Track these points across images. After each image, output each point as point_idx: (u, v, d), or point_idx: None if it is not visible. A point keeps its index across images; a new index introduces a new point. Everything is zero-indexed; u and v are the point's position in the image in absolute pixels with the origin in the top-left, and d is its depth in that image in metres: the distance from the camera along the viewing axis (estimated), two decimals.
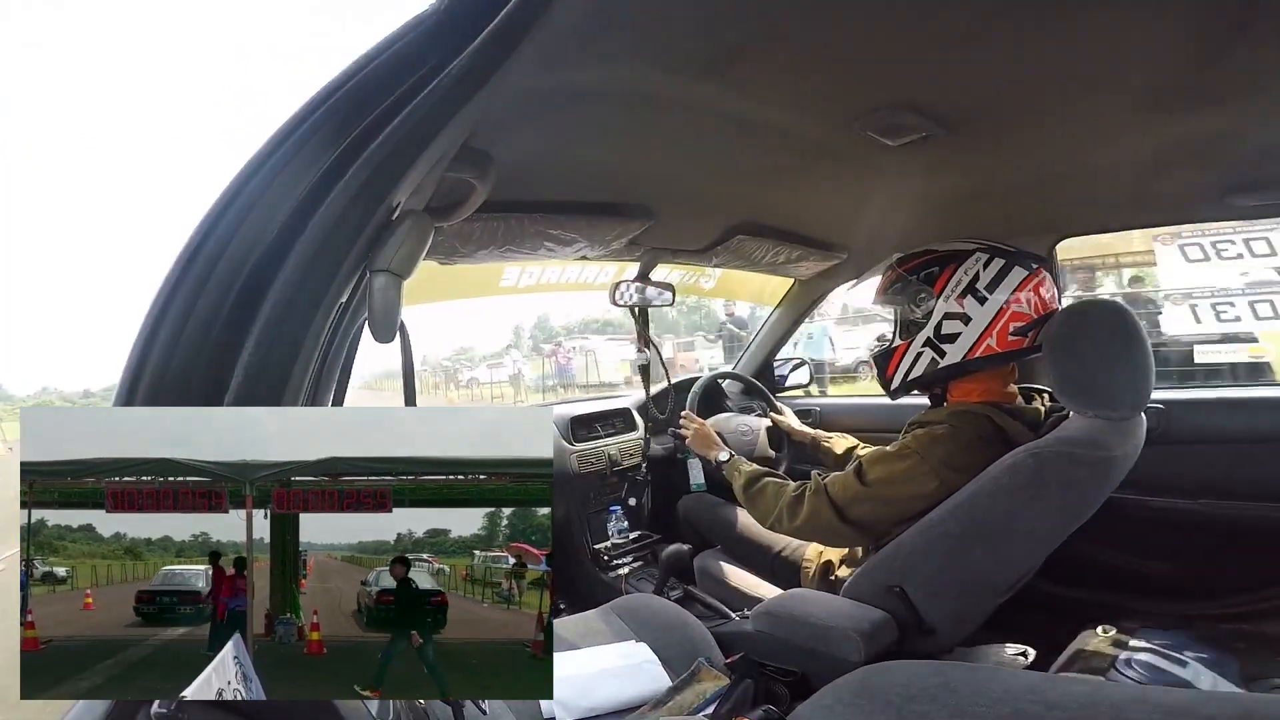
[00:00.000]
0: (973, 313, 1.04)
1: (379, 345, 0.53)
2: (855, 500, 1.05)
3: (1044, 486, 0.90)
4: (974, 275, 1.05)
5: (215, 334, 0.43)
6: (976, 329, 1.04)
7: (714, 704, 0.90)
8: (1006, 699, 0.37)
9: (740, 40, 0.67)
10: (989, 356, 1.04)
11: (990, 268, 1.04)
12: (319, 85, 0.49)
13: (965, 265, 1.06)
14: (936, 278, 1.08)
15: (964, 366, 1.06)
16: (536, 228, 1.15)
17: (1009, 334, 1.03)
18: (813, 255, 1.66)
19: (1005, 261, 1.04)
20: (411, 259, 0.51)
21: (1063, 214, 1.43)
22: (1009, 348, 1.04)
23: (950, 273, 1.07)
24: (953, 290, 1.06)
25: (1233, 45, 0.70)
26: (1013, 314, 1.03)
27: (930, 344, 1.08)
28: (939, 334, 1.07)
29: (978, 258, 1.06)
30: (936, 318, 1.07)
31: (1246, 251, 3.87)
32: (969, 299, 1.05)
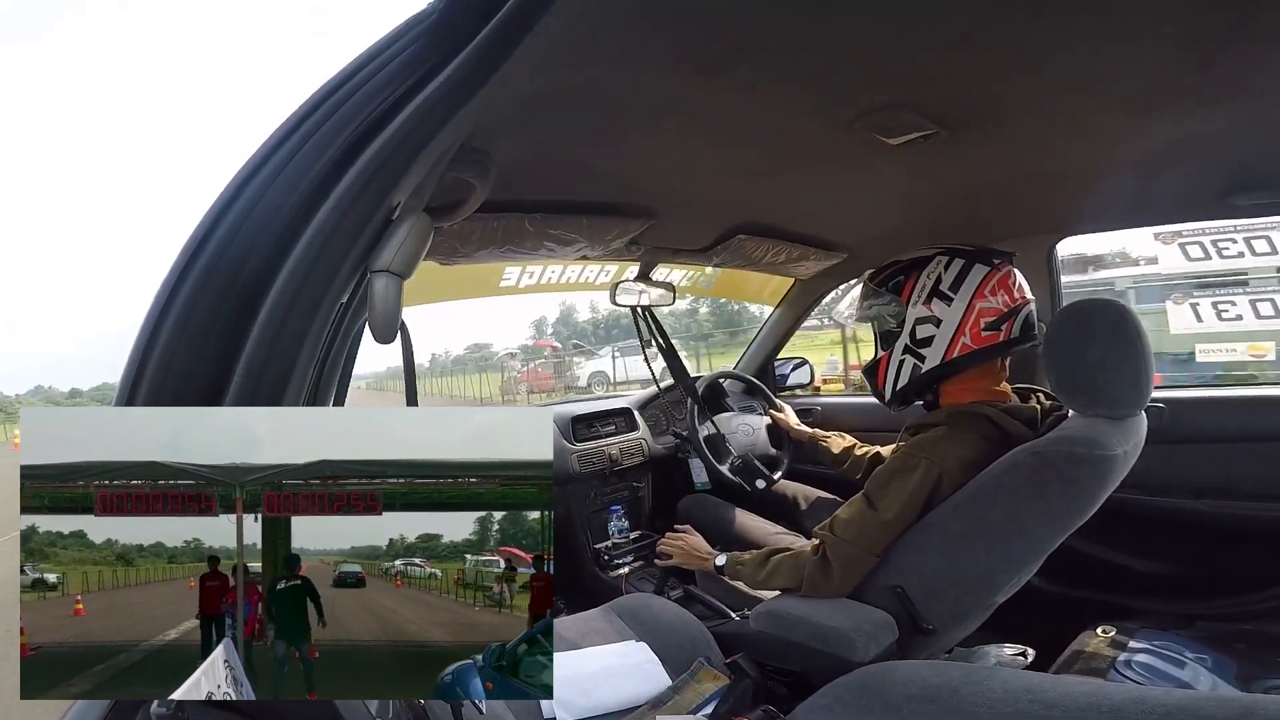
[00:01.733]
0: (941, 314, 1.07)
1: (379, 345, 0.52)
2: (881, 534, 1.00)
3: (1044, 486, 0.90)
4: (936, 278, 1.08)
5: (215, 334, 0.43)
6: (949, 329, 1.06)
7: (714, 703, 0.90)
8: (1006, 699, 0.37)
9: (740, 40, 0.67)
10: (968, 354, 1.06)
11: (951, 269, 1.07)
12: (319, 85, 0.49)
13: (927, 269, 1.09)
14: (903, 286, 1.11)
15: (946, 368, 1.07)
16: (537, 227, 1.15)
17: (981, 330, 1.05)
18: (813, 255, 1.67)
19: (965, 261, 1.07)
20: (412, 259, 0.50)
21: (1063, 214, 1.43)
22: (984, 343, 1.05)
23: (915, 279, 1.10)
24: (919, 295, 1.09)
25: (1233, 45, 0.70)
26: (980, 310, 1.05)
27: (909, 350, 1.11)
28: (915, 340, 1.10)
29: (938, 261, 1.09)
30: (909, 324, 1.10)
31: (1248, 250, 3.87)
32: (936, 301, 1.07)
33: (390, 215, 0.50)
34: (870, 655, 0.94)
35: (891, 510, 1.00)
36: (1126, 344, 0.93)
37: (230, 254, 0.44)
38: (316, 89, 0.49)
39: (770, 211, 1.42)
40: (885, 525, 1.00)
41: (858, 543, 1.01)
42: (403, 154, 0.48)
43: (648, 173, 1.09)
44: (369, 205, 0.47)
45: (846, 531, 1.03)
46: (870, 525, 1.01)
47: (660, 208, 1.25)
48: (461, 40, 0.49)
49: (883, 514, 1.00)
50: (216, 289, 0.43)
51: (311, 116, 0.48)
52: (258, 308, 0.43)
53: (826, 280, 1.92)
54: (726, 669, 0.99)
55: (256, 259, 0.44)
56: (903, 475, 1.01)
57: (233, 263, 0.44)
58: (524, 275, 2.00)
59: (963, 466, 0.99)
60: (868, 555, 1.01)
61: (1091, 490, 0.92)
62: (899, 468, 1.03)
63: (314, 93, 0.49)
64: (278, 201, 0.45)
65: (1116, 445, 0.89)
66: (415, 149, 0.48)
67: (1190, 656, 1.01)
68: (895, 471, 1.03)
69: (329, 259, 0.45)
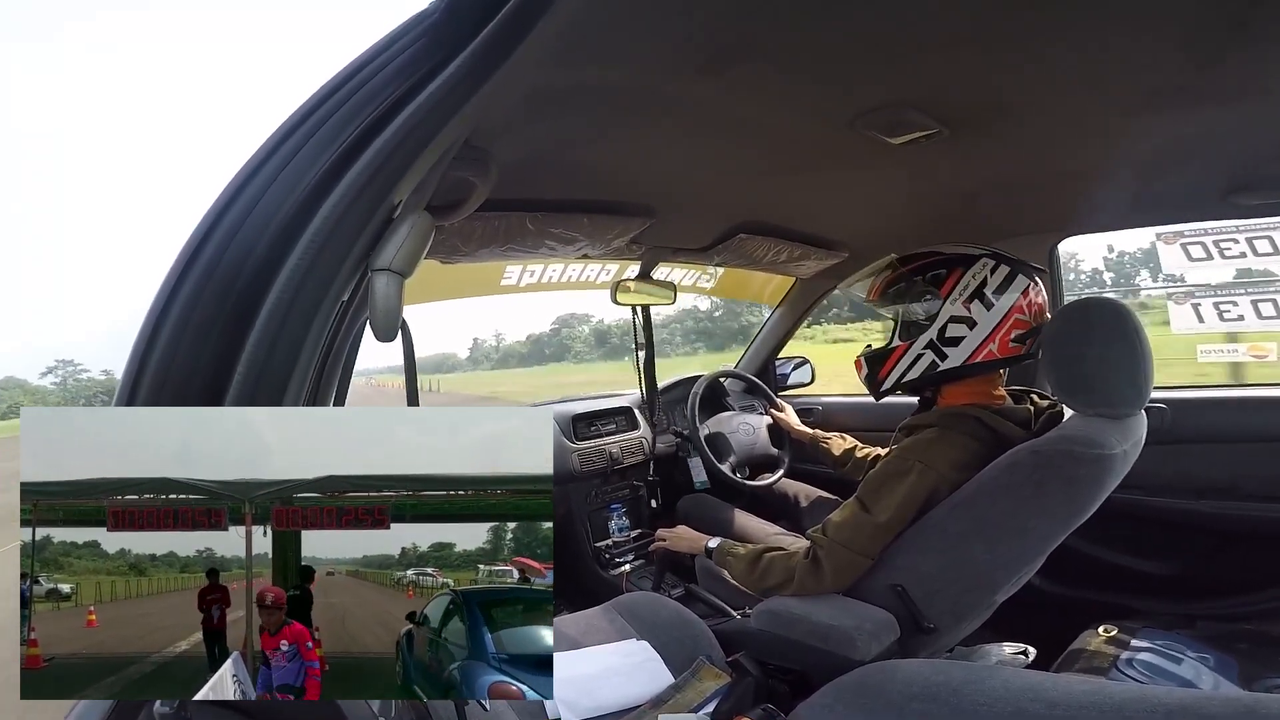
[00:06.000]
0: (979, 317, 1.05)
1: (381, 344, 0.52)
2: (875, 536, 1.00)
3: (1044, 485, 0.90)
4: (982, 280, 1.05)
5: (216, 334, 0.43)
6: (981, 334, 1.04)
7: (715, 702, 0.90)
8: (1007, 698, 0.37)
9: (740, 40, 0.67)
10: (989, 362, 1.05)
11: (997, 274, 1.05)
12: (319, 85, 0.49)
13: (973, 269, 1.06)
14: (944, 280, 1.08)
15: (962, 370, 1.06)
16: (538, 226, 1.15)
17: (1010, 340, 1.04)
18: (814, 254, 1.67)
19: (1011, 269, 1.05)
20: (413, 258, 0.50)
21: (1063, 213, 1.43)
22: (1008, 354, 1.04)
23: (958, 276, 1.07)
24: (960, 294, 1.06)
25: (1233, 45, 0.70)
26: (1015, 321, 1.04)
27: (932, 346, 1.08)
28: (942, 337, 1.07)
29: (985, 263, 1.06)
30: (941, 320, 1.07)
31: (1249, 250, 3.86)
32: (976, 303, 1.05)
33: (391, 214, 0.50)
34: (871, 654, 0.94)
35: (886, 513, 1.00)
36: (1126, 343, 0.93)
37: (231, 253, 0.44)
38: (317, 89, 0.49)
39: (771, 211, 1.42)
40: (879, 528, 1.00)
41: (851, 545, 1.01)
42: (404, 153, 0.48)
43: (648, 172, 1.09)
44: (370, 204, 0.47)
45: (840, 534, 1.03)
46: (864, 528, 1.01)
47: (661, 207, 1.25)
48: (462, 40, 0.49)
49: (876, 517, 1.00)
50: (217, 288, 0.43)
51: (312, 116, 0.48)
52: (259, 306, 0.43)
53: (827, 280, 1.92)
54: (728, 667, 0.99)
55: (257, 258, 0.44)
56: (896, 479, 1.01)
57: (234, 262, 0.44)
58: (525, 274, 2.01)
59: (956, 468, 0.99)
60: (861, 558, 1.01)
61: (1091, 489, 0.92)
62: (892, 471, 1.02)
63: (315, 92, 0.49)
64: (279, 200, 0.45)
65: (1116, 444, 0.89)
66: (416, 148, 0.48)
67: (1192, 655, 1.01)
68: (889, 475, 1.02)
69: (330, 258, 0.45)
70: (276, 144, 0.47)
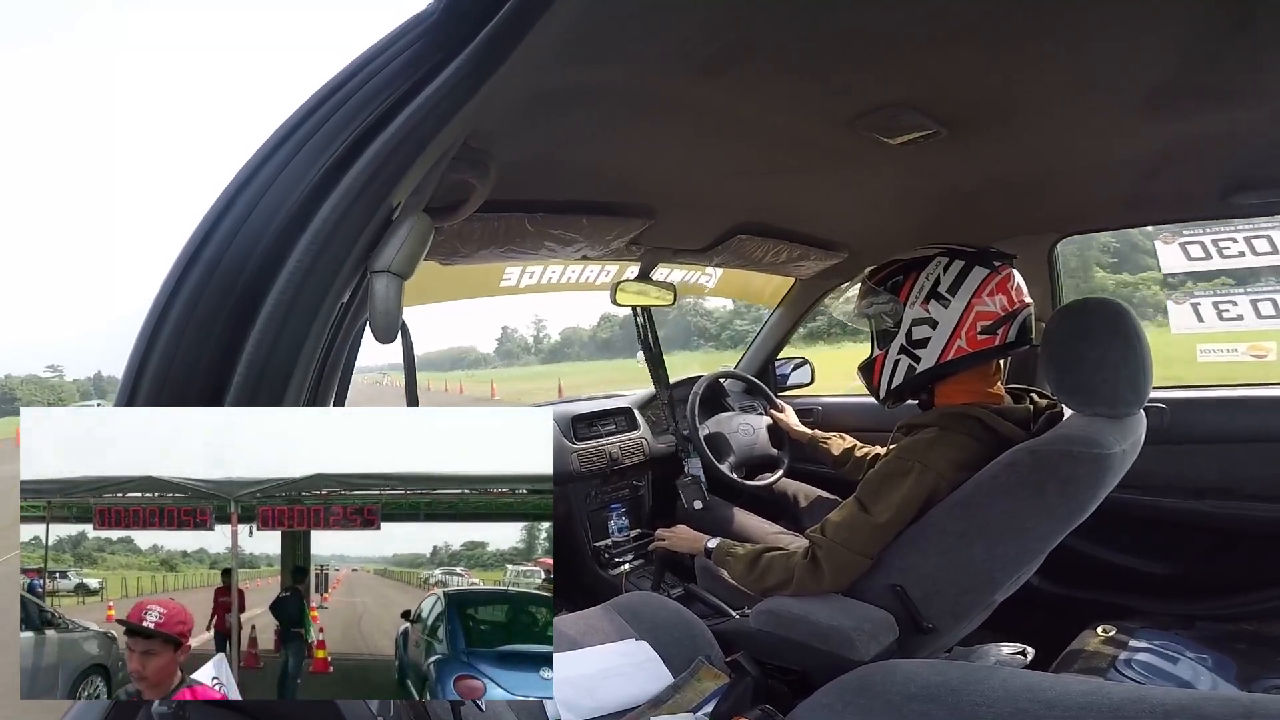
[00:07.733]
0: (938, 316, 1.06)
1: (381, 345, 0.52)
2: (874, 537, 1.01)
3: (1043, 484, 0.90)
4: (935, 279, 1.07)
5: (216, 334, 0.43)
6: (945, 331, 1.05)
7: (714, 702, 0.90)
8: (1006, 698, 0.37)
9: (740, 40, 0.67)
10: (963, 357, 1.05)
11: (950, 270, 1.06)
12: (319, 86, 0.49)
13: (926, 270, 1.08)
14: (901, 285, 1.10)
15: (940, 369, 1.07)
16: (537, 227, 1.15)
17: (978, 333, 1.04)
18: (814, 254, 1.67)
19: (965, 263, 1.06)
20: (412, 259, 0.51)
21: (1064, 212, 1.43)
22: (980, 347, 1.04)
23: (913, 279, 1.08)
24: (916, 296, 1.08)
25: (1233, 45, 0.70)
26: (978, 313, 1.04)
27: (905, 351, 1.10)
28: (910, 340, 1.09)
29: (938, 262, 1.07)
30: (906, 324, 1.09)
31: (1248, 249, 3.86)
32: (933, 303, 1.06)
33: (390, 215, 0.50)
34: (870, 654, 0.94)
35: (884, 514, 1.00)
36: (1125, 343, 0.93)
37: (231, 254, 0.44)
38: (317, 90, 0.49)
39: (770, 211, 1.42)
40: (878, 528, 1.00)
41: (850, 545, 1.01)
42: (403, 154, 0.48)
43: (648, 172, 1.09)
44: (369, 205, 0.47)
45: (839, 534, 1.03)
46: (862, 528, 1.01)
47: (660, 207, 1.25)
48: (461, 40, 0.49)
49: (875, 517, 1.00)
50: (217, 289, 0.43)
51: (312, 117, 0.48)
52: (258, 307, 0.43)
53: (827, 280, 1.92)
54: (727, 667, 0.99)
55: (257, 259, 0.44)
56: (895, 479, 1.01)
57: (234, 263, 0.44)
58: (524, 275, 2.00)
59: (956, 468, 0.99)
60: (859, 558, 1.01)
61: (1089, 488, 0.92)
62: (891, 471, 1.03)
63: (314, 93, 0.49)
64: (278, 201, 0.45)
65: (1114, 444, 0.89)
66: (415, 149, 0.48)
67: (1190, 656, 1.01)
68: (888, 475, 1.03)
69: (329, 259, 0.45)
70: (276, 145, 0.47)
